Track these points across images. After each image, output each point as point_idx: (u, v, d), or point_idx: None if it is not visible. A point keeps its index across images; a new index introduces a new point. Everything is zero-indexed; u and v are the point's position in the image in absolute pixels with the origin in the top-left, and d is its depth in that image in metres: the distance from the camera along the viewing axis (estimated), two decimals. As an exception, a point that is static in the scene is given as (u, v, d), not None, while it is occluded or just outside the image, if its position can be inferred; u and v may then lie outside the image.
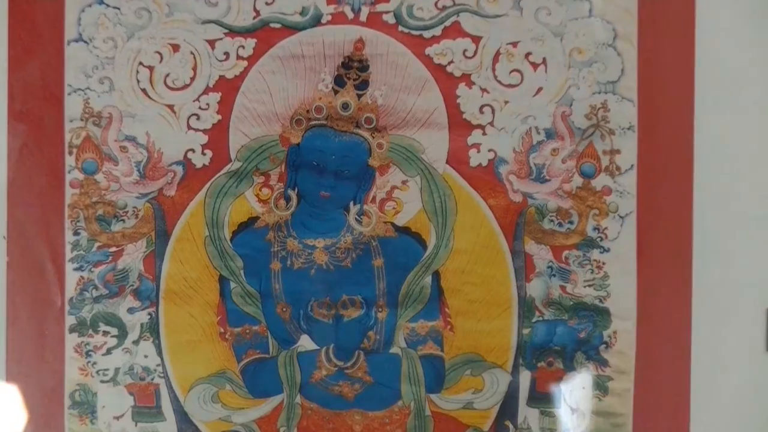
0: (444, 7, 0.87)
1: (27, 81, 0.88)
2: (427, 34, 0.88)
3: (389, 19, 0.88)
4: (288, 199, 0.89)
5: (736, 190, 0.86)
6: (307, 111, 0.88)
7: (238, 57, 0.88)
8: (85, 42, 0.88)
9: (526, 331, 0.90)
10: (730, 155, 0.86)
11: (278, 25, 0.88)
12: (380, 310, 0.90)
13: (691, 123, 0.86)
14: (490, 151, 0.89)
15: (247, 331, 0.90)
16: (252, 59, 0.89)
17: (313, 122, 0.88)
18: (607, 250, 0.88)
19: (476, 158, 0.88)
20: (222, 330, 0.90)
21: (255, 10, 0.87)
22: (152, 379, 0.90)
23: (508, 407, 0.91)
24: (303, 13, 0.87)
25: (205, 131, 0.88)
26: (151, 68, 0.89)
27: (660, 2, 0.88)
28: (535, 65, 0.89)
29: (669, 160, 0.87)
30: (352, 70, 0.88)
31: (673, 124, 0.87)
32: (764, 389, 0.86)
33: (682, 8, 0.86)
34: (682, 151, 0.87)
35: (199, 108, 0.89)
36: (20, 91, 0.88)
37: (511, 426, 0.91)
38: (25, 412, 0.89)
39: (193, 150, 0.89)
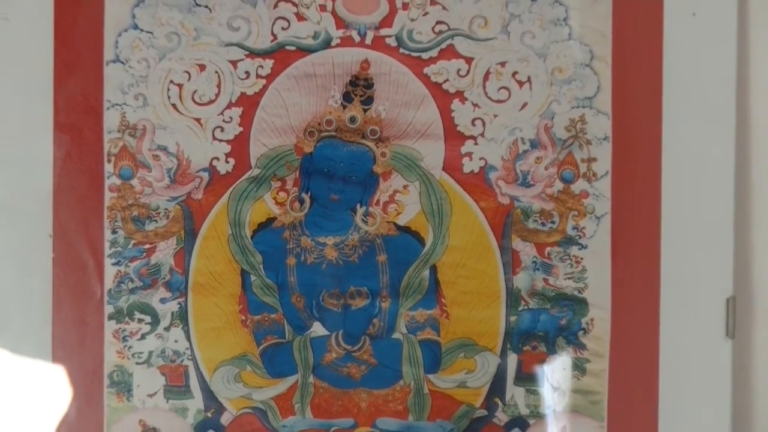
0: (440, 32, 0.91)
1: (70, 96, 0.92)
2: (425, 55, 0.92)
3: (391, 42, 0.92)
4: (302, 202, 0.93)
5: (699, 194, 0.91)
6: (319, 124, 0.92)
7: (258, 76, 0.92)
8: (122, 62, 0.92)
9: (513, 318, 0.93)
10: (693, 162, 0.91)
11: (293, 48, 0.92)
12: (384, 300, 0.94)
13: (659, 134, 0.91)
14: (481, 159, 0.93)
15: (266, 318, 0.94)
16: (270, 78, 0.92)
17: (324, 134, 0.93)
18: (585, 247, 0.93)
19: (469, 165, 0.92)
20: (243, 318, 0.94)
21: (272, 34, 0.91)
22: (182, 361, 0.94)
23: (497, 386, 0.94)
24: (315, 37, 0.91)
25: (228, 141, 0.92)
26: (180, 86, 0.92)
27: (631, 27, 0.92)
28: (520, 83, 0.92)
29: (639, 166, 0.92)
30: (359, 87, 0.93)
31: (643, 135, 0.92)
32: (724, 369, 0.92)
33: (651, 32, 0.91)
34: (651, 158, 0.92)
35: (223, 121, 0.92)
36: (63, 106, 0.92)
37: (500, 403, 0.94)
38: (69, 390, 0.93)
39: (217, 158, 0.93)
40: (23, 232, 0.93)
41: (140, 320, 0.94)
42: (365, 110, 0.92)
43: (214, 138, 0.92)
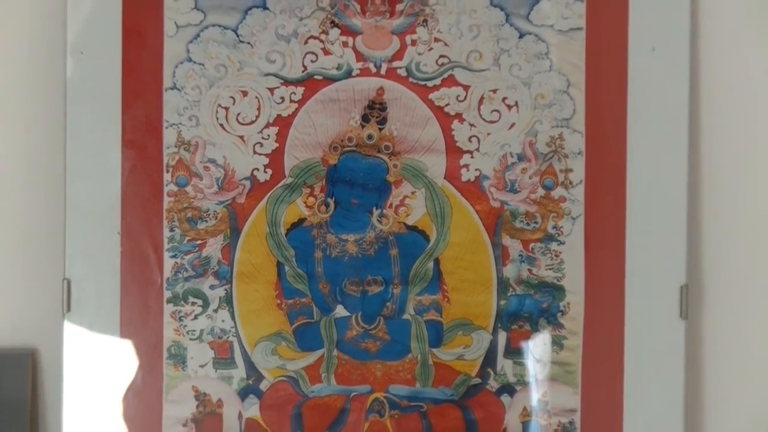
0: (442, 64, 1.00)
1: (135, 118, 1.01)
2: (430, 84, 1.00)
3: (402, 72, 1.00)
4: (327, 206, 1.02)
5: (657, 199, 1.00)
6: (342, 140, 1.01)
7: (291, 101, 1.01)
8: (178, 89, 1.01)
9: (502, 302, 1.01)
10: (652, 172, 1.00)
11: (320, 77, 1.00)
12: (395, 287, 1.02)
13: (624, 149, 1.00)
14: (476, 170, 1.01)
15: (297, 302, 1.02)
16: (301, 102, 1.01)
17: (346, 149, 1.01)
18: (563, 243, 1.01)
19: (466, 175, 1.01)
20: (279, 302, 1.01)
21: (303, 66, 1.00)
22: (227, 338, 1.02)
23: (489, 359, 1.02)
24: (338, 68, 1.00)
25: (266, 155, 1.01)
26: (226, 109, 1.01)
27: (601, 60, 1.00)
28: (509, 107, 1.00)
29: (608, 176, 1.01)
30: (375, 110, 1.01)
31: (611, 150, 1.01)
32: (678, 344, 1.00)
33: (617, 64, 1.00)
34: (617, 169, 1.00)
35: (262, 138, 1.01)
36: (130, 126, 1.00)
37: (492, 372, 1.02)
38: (135, 361, 1.01)
39: (257, 169, 1.01)
40: (96, 231, 1.01)
41: (193, 303, 1.02)
42: (380, 129, 1.01)
43: (255, 152, 1.01)
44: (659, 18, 1.00)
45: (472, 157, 1.01)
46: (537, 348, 1.02)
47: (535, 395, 1.02)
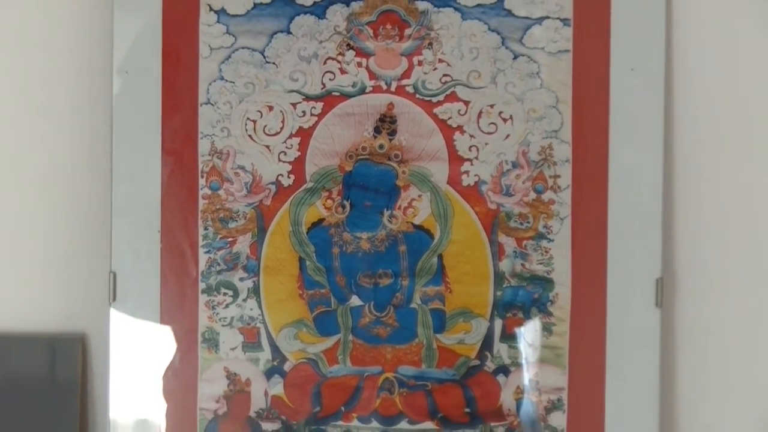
0: (445, 82, 1.04)
1: (173, 129, 1.05)
2: (434, 99, 1.04)
3: (410, 89, 1.04)
4: (343, 207, 1.05)
5: (636, 202, 1.04)
6: (356, 150, 1.05)
7: (311, 114, 1.04)
8: (212, 104, 1.05)
9: (498, 293, 1.05)
10: (631, 178, 1.04)
11: (337, 94, 1.05)
12: (403, 279, 1.05)
13: (606, 157, 1.04)
14: (475, 176, 1.05)
15: (317, 293, 1.06)
16: (320, 116, 1.05)
17: (360, 157, 1.05)
18: (552, 241, 1.05)
19: (466, 180, 1.05)
20: (300, 292, 1.05)
21: (322, 83, 1.04)
22: (255, 324, 1.06)
23: (487, 343, 1.06)
24: (353, 86, 1.05)
25: (289, 162, 1.05)
26: (254, 121, 1.05)
27: (586, 78, 1.04)
28: (505, 120, 1.04)
29: (592, 181, 1.05)
30: (386, 123, 1.05)
31: (594, 158, 1.05)
32: (654, 330, 1.03)
33: (600, 82, 1.04)
34: (600, 176, 1.04)
35: (286, 147, 1.05)
36: (169, 136, 1.06)
37: (489, 355, 1.05)
38: (173, 345, 1.06)
39: (282, 175, 1.05)
40: (139, 229, 1.05)
41: (225, 294, 1.06)
42: (390, 140, 1.04)
43: (279, 160, 1.05)
44: (637, 41, 1.05)
45: (471, 164, 1.05)
46: (529, 333, 1.06)
47: (528, 375, 1.06)
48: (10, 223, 1.13)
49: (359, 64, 1.05)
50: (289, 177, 1.06)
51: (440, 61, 1.05)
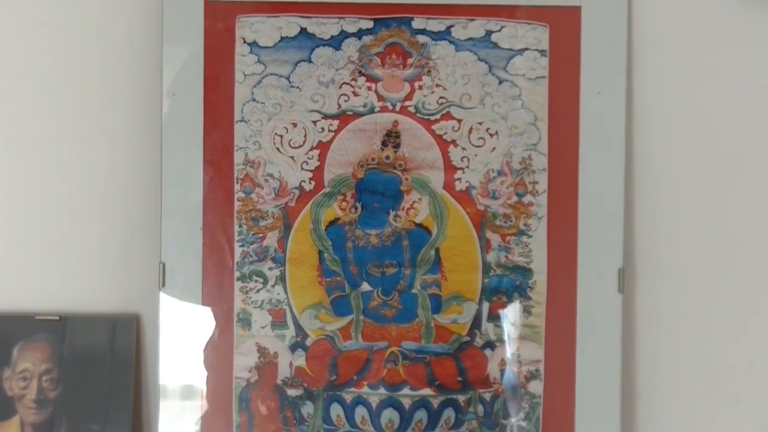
0: (441, 103, 1.12)
1: (213, 143, 1.15)
2: (432, 118, 1.13)
3: (412, 109, 1.13)
4: (356, 209, 1.14)
5: (600, 205, 1.13)
6: (367, 160, 1.13)
7: (329, 130, 1.13)
8: (245, 122, 1.14)
9: (486, 281, 1.13)
10: (598, 184, 1.13)
11: (351, 113, 1.13)
12: (406, 269, 1.13)
13: (576, 166, 1.14)
14: (466, 182, 1.13)
15: (333, 280, 1.14)
16: (336, 132, 1.13)
17: (370, 166, 1.13)
18: (531, 236, 1.14)
19: (459, 186, 1.13)
20: (320, 280, 1.13)
21: (338, 104, 1.13)
22: (281, 306, 1.14)
23: (476, 322, 1.14)
24: (364, 106, 1.13)
25: (310, 171, 1.13)
26: (281, 136, 1.14)
27: (560, 101, 1.14)
28: (491, 135, 1.13)
29: (564, 187, 1.14)
30: (391, 137, 1.13)
31: (566, 167, 1.14)
32: (616, 312, 1.13)
33: (571, 104, 1.13)
34: (571, 182, 1.14)
35: (308, 158, 1.13)
36: (209, 149, 1.14)
37: (478, 333, 1.13)
38: (213, 324, 1.15)
39: (304, 181, 1.14)
40: (184, 227, 1.14)
41: (256, 281, 1.14)
42: (395, 152, 1.13)
43: (302, 168, 1.13)
44: (603, 69, 1.15)
45: (463, 172, 1.13)
46: (511, 314, 1.15)
47: (510, 350, 1.14)
48: (79, 222, 1.21)
49: (369, 88, 1.14)
50: (310, 183, 1.14)
51: (437, 85, 1.14)
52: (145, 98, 1.18)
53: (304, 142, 1.15)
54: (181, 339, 1.16)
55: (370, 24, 1.13)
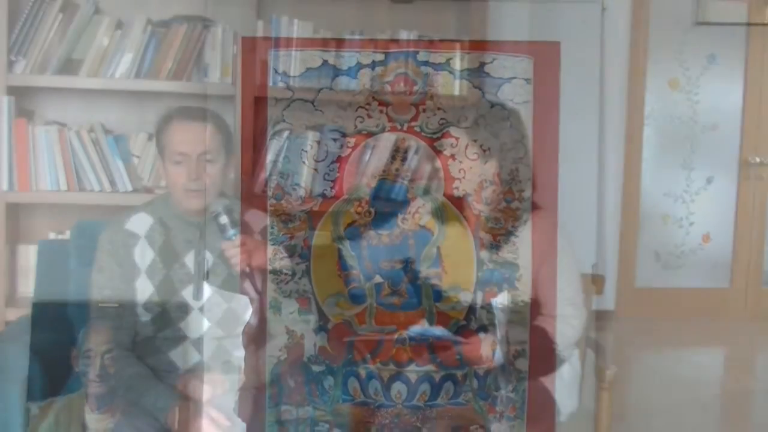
0: (442, 124, 1.34)
1: (250, 157, 1.41)
2: (434, 136, 1.35)
3: (417, 129, 1.35)
4: (370, 213, 1.36)
5: (578, 210, 1.37)
6: (379, 172, 1.37)
7: (347, 147, 1.36)
8: (277, 140, 1.40)
9: (480, 274, 1.34)
10: (575, 193, 1.37)
11: (366, 132, 1.36)
12: (412, 264, 1.34)
13: (557, 178, 1.36)
14: (463, 190, 1.35)
15: (351, 274, 1.35)
16: (353, 148, 1.37)
17: (382, 177, 1.37)
18: (518, 237, 1.36)
19: (457, 194, 1.35)
20: (339, 273, 1.35)
21: (355, 125, 1.36)
22: (307, 296, 1.35)
23: (471, 309, 1.34)
24: (377, 126, 1.35)
25: (331, 181, 1.36)
26: (306, 152, 1.40)
27: (543, 122, 1.36)
28: (484, 151, 1.35)
29: (546, 195, 1.38)
30: (400, 153, 1.39)
31: (548, 177, 1.37)
32: (588, 299, 1.41)
33: (552, 127, 1.35)
34: (551, 191, 1.37)
35: (329, 170, 1.36)
36: (247, 162, 1.39)
37: (473, 318, 1.34)
38: (250, 309, 1.39)
39: (326, 189, 1.36)
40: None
41: (285, 273, 1.37)
42: (403, 165, 1.40)
43: (324, 179, 1.38)
44: (579, 96, 1.41)
45: (460, 182, 1.38)
46: (501, 302, 1.37)
47: (500, 332, 1.37)
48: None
49: (381, 111, 1.38)
50: (331, 191, 1.39)
51: (438, 108, 1.38)
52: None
53: (326, 156, 1.37)
54: (223, 321, 1.43)
55: (381, 57, 1.34)
